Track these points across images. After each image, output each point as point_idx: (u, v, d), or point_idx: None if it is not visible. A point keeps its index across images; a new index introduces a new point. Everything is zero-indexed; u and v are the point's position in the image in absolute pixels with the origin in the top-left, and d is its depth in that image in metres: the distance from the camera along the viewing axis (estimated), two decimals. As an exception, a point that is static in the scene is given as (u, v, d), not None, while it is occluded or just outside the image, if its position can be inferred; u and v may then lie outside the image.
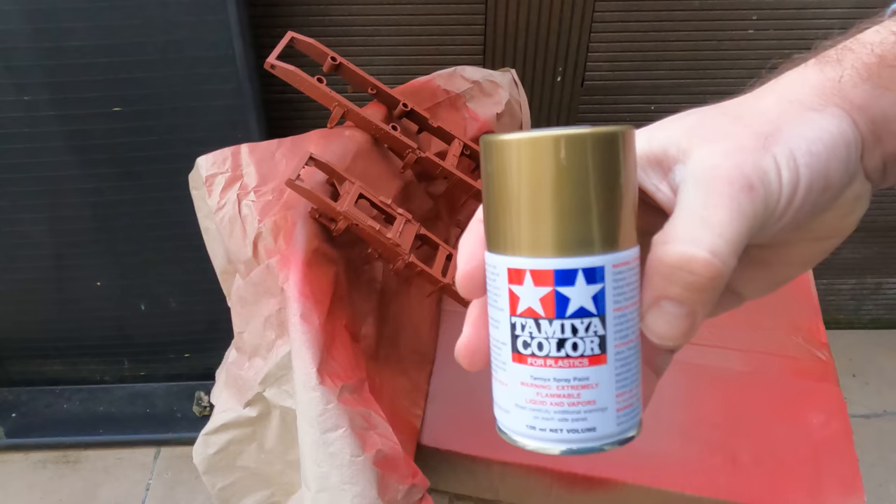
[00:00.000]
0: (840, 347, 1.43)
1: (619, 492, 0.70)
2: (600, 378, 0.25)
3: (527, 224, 0.25)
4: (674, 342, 0.25)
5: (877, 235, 1.40)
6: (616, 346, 0.25)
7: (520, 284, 0.25)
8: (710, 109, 0.27)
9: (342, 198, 0.66)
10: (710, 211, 0.24)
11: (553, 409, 0.25)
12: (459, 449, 0.72)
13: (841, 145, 0.26)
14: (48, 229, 1.16)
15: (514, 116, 0.92)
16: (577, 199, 0.24)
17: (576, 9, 1.10)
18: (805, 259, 0.29)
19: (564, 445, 0.25)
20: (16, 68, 1.01)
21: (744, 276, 0.29)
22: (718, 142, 0.25)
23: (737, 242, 0.24)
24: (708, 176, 0.24)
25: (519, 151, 0.24)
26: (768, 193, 0.24)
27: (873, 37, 0.27)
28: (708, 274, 0.23)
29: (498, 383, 0.27)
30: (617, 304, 0.25)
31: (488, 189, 0.26)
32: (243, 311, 0.68)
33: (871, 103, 0.26)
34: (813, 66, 0.28)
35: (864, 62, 0.27)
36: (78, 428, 1.34)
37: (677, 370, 0.78)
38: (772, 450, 0.71)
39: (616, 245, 0.25)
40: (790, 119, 0.26)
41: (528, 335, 0.25)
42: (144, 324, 1.28)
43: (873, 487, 1.27)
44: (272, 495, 0.69)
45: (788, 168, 0.25)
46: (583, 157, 0.24)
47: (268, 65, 0.73)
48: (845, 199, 0.27)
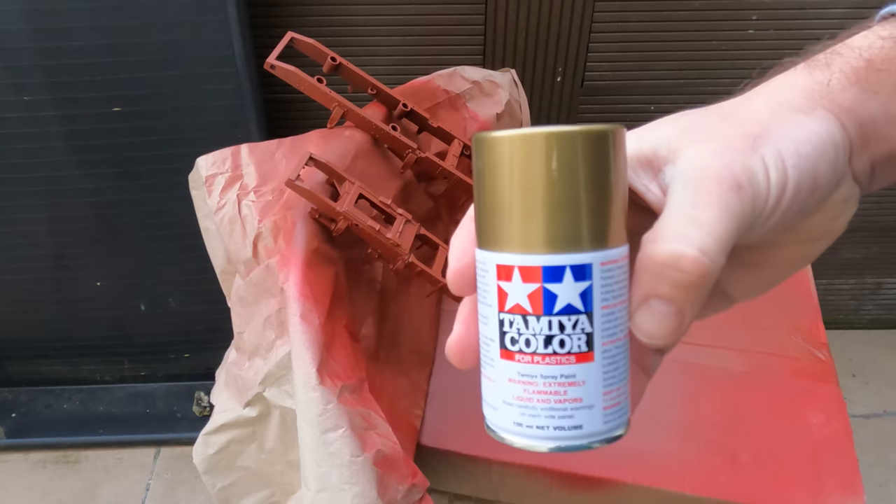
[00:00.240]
0: (840, 347, 1.43)
1: (619, 492, 0.70)
2: (587, 375, 0.25)
3: (516, 220, 0.25)
4: (662, 341, 0.25)
5: (877, 235, 1.40)
6: (604, 344, 0.25)
7: (508, 281, 0.25)
8: (700, 111, 0.27)
9: (342, 198, 0.66)
10: (699, 210, 0.24)
11: (540, 406, 0.25)
12: (459, 449, 0.72)
13: (829, 147, 0.26)
14: (48, 229, 1.16)
15: (514, 116, 0.92)
16: (567, 196, 0.24)
17: (576, 9, 1.10)
18: (794, 261, 0.29)
19: (553, 443, 0.26)
20: (16, 68, 1.01)
21: (733, 277, 0.29)
22: (707, 142, 0.25)
23: (725, 241, 0.24)
24: (697, 175, 0.25)
25: (509, 148, 0.25)
26: (756, 193, 0.25)
27: (861, 41, 0.28)
28: (697, 272, 0.24)
29: (486, 380, 0.27)
30: (605, 301, 0.25)
31: (479, 186, 0.26)
32: (243, 311, 0.68)
33: (859, 106, 0.27)
34: (802, 70, 0.28)
35: (853, 66, 0.27)
36: (78, 428, 1.34)
37: (676, 370, 0.79)
38: (772, 450, 0.71)
39: (605, 243, 0.25)
40: (779, 120, 0.26)
41: (516, 331, 0.25)
42: (144, 324, 1.28)
43: (873, 487, 1.27)
44: (272, 495, 0.69)
45: (776, 168, 0.25)
46: (573, 154, 0.24)
47: (268, 65, 0.73)
48: (833, 201, 0.27)
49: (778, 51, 1.16)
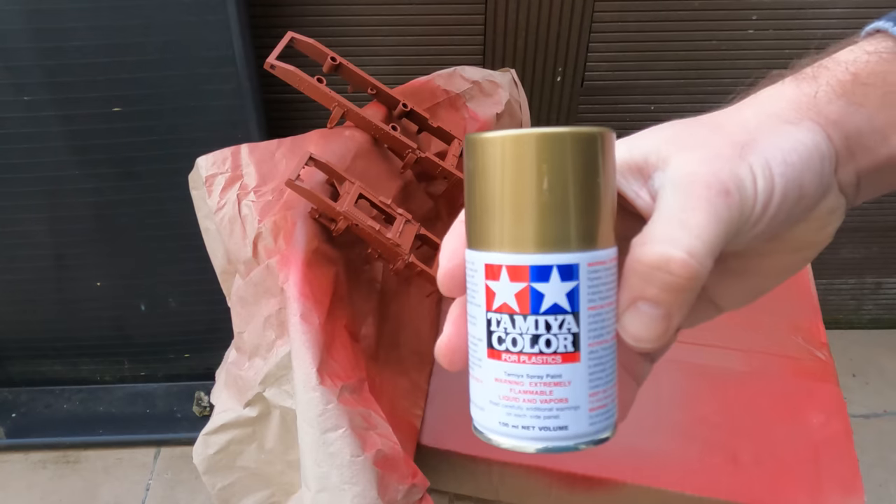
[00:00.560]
0: (840, 347, 1.43)
1: (619, 492, 0.70)
2: (573, 376, 0.25)
3: (505, 220, 0.25)
4: (650, 345, 0.25)
5: (877, 235, 1.40)
6: (590, 345, 0.25)
7: (496, 280, 0.25)
8: (691, 120, 0.28)
9: (342, 198, 0.66)
10: (687, 214, 0.25)
11: (526, 406, 0.25)
12: (459, 449, 0.72)
13: (815, 157, 0.27)
14: (48, 229, 1.16)
15: (514, 116, 0.92)
16: (555, 196, 0.25)
17: (576, 9, 1.10)
18: (780, 270, 0.30)
19: (539, 444, 0.26)
20: (16, 68, 1.01)
21: (720, 285, 0.29)
22: (697, 150, 0.26)
23: (713, 244, 0.24)
24: (686, 181, 0.25)
25: (499, 149, 0.25)
26: (744, 199, 0.25)
27: (848, 56, 0.29)
28: (685, 274, 0.24)
29: (474, 380, 0.27)
30: (591, 302, 0.25)
31: (470, 186, 0.26)
32: (243, 311, 0.68)
33: (845, 119, 0.27)
34: (790, 83, 0.29)
35: (839, 79, 0.28)
36: (78, 428, 1.34)
37: (677, 370, 0.79)
38: (772, 450, 0.71)
39: (592, 244, 0.25)
40: (767, 130, 0.27)
41: (503, 331, 0.25)
42: (144, 324, 1.28)
43: (873, 487, 1.27)
44: (272, 495, 0.69)
45: (764, 176, 0.26)
46: (562, 155, 0.25)
47: (268, 65, 0.73)
48: (819, 211, 0.28)
49: (778, 51, 1.16)
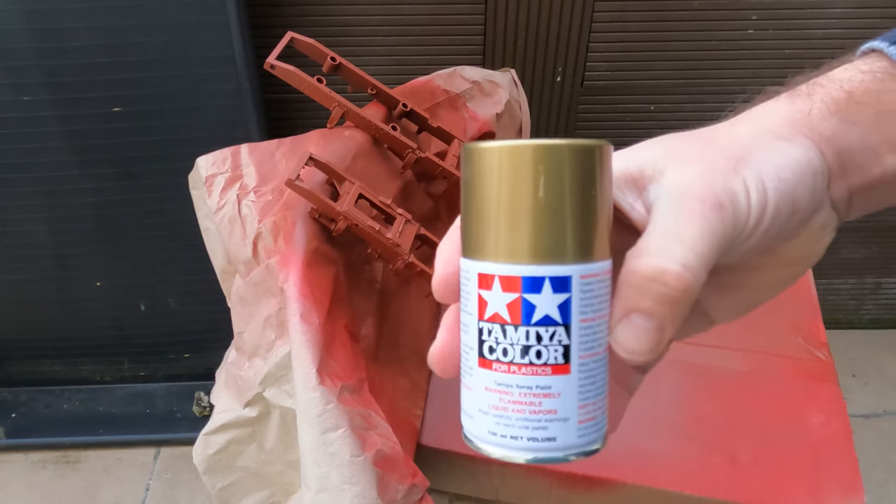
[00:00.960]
0: (840, 347, 1.43)
1: (619, 492, 0.70)
2: (563, 388, 0.25)
3: (500, 231, 0.25)
4: (642, 357, 0.25)
5: (877, 235, 1.40)
6: (581, 358, 0.25)
7: (489, 290, 0.25)
8: (686, 134, 0.29)
9: (342, 198, 0.66)
10: (681, 227, 0.25)
11: (515, 416, 0.25)
12: (459, 449, 0.72)
13: (808, 173, 0.27)
14: (48, 229, 1.16)
15: (514, 116, 0.92)
16: (550, 208, 0.25)
17: (576, 9, 1.10)
18: (772, 284, 0.30)
19: (528, 454, 0.26)
20: (15, 68, 1.01)
21: (713, 298, 0.30)
22: (691, 163, 0.26)
23: (707, 257, 0.25)
24: (680, 194, 0.26)
25: (496, 159, 0.25)
26: (737, 213, 0.25)
27: (843, 74, 0.29)
28: (680, 287, 0.24)
29: (465, 389, 0.27)
30: (583, 315, 0.25)
31: (466, 195, 0.26)
32: (243, 311, 0.68)
33: (839, 136, 0.28)
34: (784, 99, 0.29)
35: (833, 97, 0.28)
36: (78, 428, 1.34)
37: (677, 370, 0.79)
38: (771, 450, 0.71)
39: (586, 256, 0.25)
40: (761, 146, 0.27)
41: (494, 340, 0.25)
42: (144, 324, 1.28)
43: (873, 487, 1.27)
44: (272, 495, 0.69)
45: (757, 191, 0.26)
46: (559, 167, 0.25)
47: (268, 65, 0.73)
48: (812, 226, 0.28)
49: (778, 51, 1.16)
